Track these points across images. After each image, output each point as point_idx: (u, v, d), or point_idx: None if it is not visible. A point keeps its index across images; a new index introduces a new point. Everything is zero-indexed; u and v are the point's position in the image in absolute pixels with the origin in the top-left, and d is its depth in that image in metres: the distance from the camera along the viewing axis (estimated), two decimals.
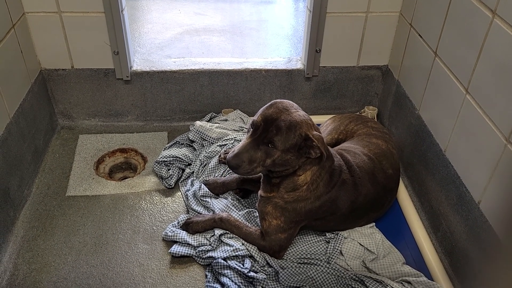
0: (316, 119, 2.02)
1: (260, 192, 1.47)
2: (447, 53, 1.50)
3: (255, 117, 1.34)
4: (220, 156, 1.76)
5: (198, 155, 1.84)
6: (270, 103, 1.36)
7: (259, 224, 1.49)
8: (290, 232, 1.44)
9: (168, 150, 1.87)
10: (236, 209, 1.60)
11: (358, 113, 2.14)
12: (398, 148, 1.90)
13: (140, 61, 2.02)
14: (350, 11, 1.85)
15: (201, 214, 1.59)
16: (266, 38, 2.37)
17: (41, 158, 1.85)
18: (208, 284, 1.39)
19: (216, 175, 1.74)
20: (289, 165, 1.34)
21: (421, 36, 1.69)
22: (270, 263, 1.43)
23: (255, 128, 1.32)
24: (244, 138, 1.36)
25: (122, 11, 1.79)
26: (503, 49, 1.19)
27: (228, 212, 1.56)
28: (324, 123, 1.83)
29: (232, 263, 1.41)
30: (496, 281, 1.25)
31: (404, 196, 1.72)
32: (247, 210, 1.60)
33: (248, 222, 1.56)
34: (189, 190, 1.69)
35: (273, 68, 2.01)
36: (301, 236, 1.54)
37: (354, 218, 1.52)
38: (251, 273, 1.39)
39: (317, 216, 1.45)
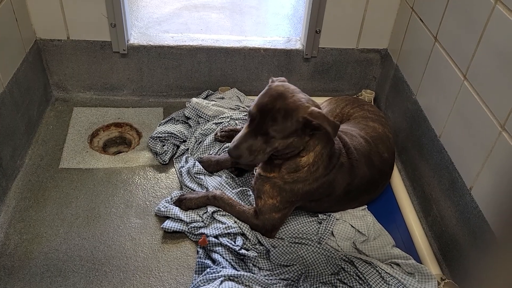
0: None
1: (259, 170, 1.46)
2: (447, 38, 1.49)
3: (251, 107, 1.33)
4: (215, 134, 1.76)
5: (194, 132, 1.84)
6: (265, 89, 1.34)
7: (254, 202, 1.49)
8: (285, 212, 1.44)
9: (163, 126, 1.86)
10: (230, 187, 1.60)
11: (355, 96, 2.13)
12: (394, 132, 1.90)
13: (137, 35, 1.99)
14: None
15: (194, 191, 1.59)
16: (266, 17, 2.34)
17: (34, 129, 1.83)
18: (199, 260, 1.40)
19: (211, 152, 1.74)
20: (293, 147, 1.34)
21: (422, 20, 1.67)
22: (262, 242, 1.44)
23: (252, 118, 1.31)
24: (243, 127, 1.35)
25: None
26: (504, 35, 1.19)
27: (221, 190, 1.56)
28: (321, 105, 1.82)
29: (224, 240, 1.42)
30: (485, 267, 1.27)
31: (397, 180, 1.73)
32: (240, 188, 1.60)
33: (242, 201, 1.56)
34: (183, 166, 1.69)
35: (271, 47, 1.99)
36: (293, 216, 1.55)
37: (348, 200, 1.53)
38: (243, 251, 1.40)
39: (313, 197, 1.45)
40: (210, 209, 1.49)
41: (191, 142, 1.79)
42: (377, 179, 1.54)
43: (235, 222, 1.47)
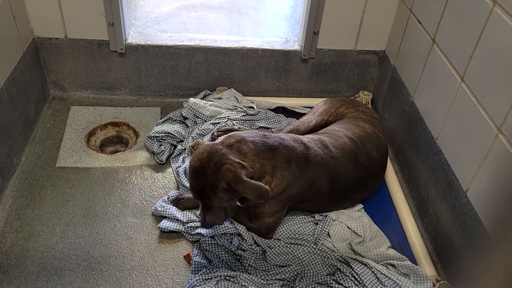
0: (311, 101, 2.04)
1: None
2: (445, 40, 1.50)
3: (189, 187, 1.35)
4: (213, 134, 1.76)
5: (191, 132, 1.84)
6: (189, 170, 1.32)
7: None
8: (277, 215, 1.45)
9: (161, 125, 1.86)
10: None
11: (352, 97, 2.14)
12: (390, 134, 1.91)
13: (135, 34, 1.99)
14: None
15: None
16: (264, 17, 2.34)
17: (31, 128, 1.83)
18: (195, 260, 1.40)
19: None
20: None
21: (420, 22, 1.68)
22: (258, 242, 1.44)
23: (195, 197, 1.34)
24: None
25: None
26: (502, 38, 1.19)
27: None
28: (317, 105, 1.84)
29: (220, 240, 1.42)
30: (479, 268, 1.27)
31: (393, 182, 1.74)
32: None
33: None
34: (180, 166, 1.69)
35: (269, 48, 1.99)
36: (290, 217, 1.55)
37: (338, 199, 1.54)
38: (239, 251, 1.40)
39: (302, 198, 1.46)
40: None
41: (188, 142, 1.79)
42: (365, 177, 1.54)
43: (232, 222, 1.47)
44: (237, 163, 1.27)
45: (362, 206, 1.62)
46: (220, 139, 1.35)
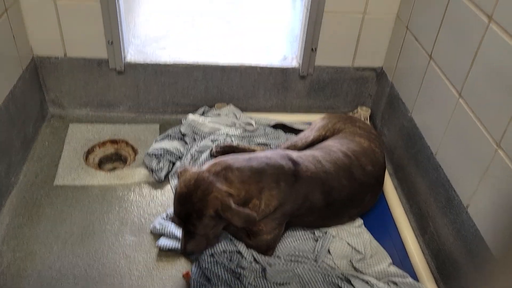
0: (309, 117, 2.04)
1: None
2: (442, 56, 1.51)
3: (173, 213, 1.34)
4: (211, 150, 1.76)
5: (190, 149, 1.83)
6: (175, 191, 1.33)
7: None
8: (275, 232, 1.44)
9: (159, 142, 1.86)
10: None
11: (351, 113, 2.15)
12: (389, 149, 1.91)
13: (134, 52, 2.00)
14: (347, 11, 1.85)
15: None
16: (262, 35, 2.36)
17: (30, 146, 1.83)
18: (194, 278, 1.38)
19: None
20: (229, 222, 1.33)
21: (416, 39, 1.69)
22: (258, 260, 1.43)
23: (178, 223, 1.33)
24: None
25: (118, 0, 1.78)
26: (498, 54, 1.20)
27: None
28: (315, 121, 1.85)
29: (220, 258, 1.41)
30: (482, 285, 1.26)
31: (393, 198, 1.73)
32: None
33: None
34: None
35: (268, 65, 2.00)
36: (290, 233, 1.54)
37: (334, 214, 1.53)
38: (238, 269, 1.38)
39: (296, 213, 1.45)
40: None
41: (187, 159, 1.78)
42: (361, 191, 1.54)
43: (231, 240, 1.46)
44: (224, 192, 1.28)
45: (362, 222, 1.61)
46: (206, 166, 1.36)
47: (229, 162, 1.36)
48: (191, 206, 1.28)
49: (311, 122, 1.87)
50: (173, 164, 1.80)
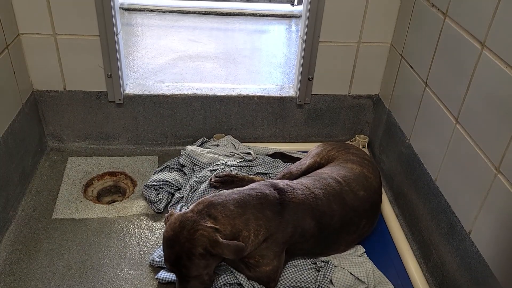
0: (307, 146, 2.05)
1: None
2: (437, 83, 1.53)
3: (164, 260, 1.35)
4: (210, 180, 1.75)
5: (188, 179, 1.83)
6: (163, 240, 1.33)
7: None
8: (274, 263, 1.42)
9: (158, 174, 1.85)
10: None
11: (349, 141, 2.15)
12: (389, 176, 1.90)
13: (133, 85, 2.02)
14: (342, 40, 1.89)
15: None
16: (259, 66, 2.39)
17: (28, 180, 1.82)
18: None
19: None
20: (221, 258, 1.34)
21: (411, 67, 1.72)
22: None
23: (172, 271, 1.34)
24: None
25: (117, 35, 1.81)
26: (492, 79, 1.22)
27: None
28: (311, 149, 1.86)
29: None
30: None
31: (394, 225, 1.71)
32: None
33: None
34: None
35: (265, 95, 2.02)
36: (291, 263, 1.51)
37: (329, 241, 1.51)
38: None
39: (289, 241, 1.44)
40: None
41: (186, 190, 1.78)
42: (353, 217, 1.53)
43: (232, 272, 1.43)
44: (210, 228, 1.28)
45: (364, 250, 1.59)
46: (190, 207, 1.37)
47: (210, 199, 1.38)
48: (179, 248, 1.28)
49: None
50: (172, 195, 1.79)
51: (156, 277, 1.46)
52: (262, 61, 2.46)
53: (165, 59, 2.41)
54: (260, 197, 1.41)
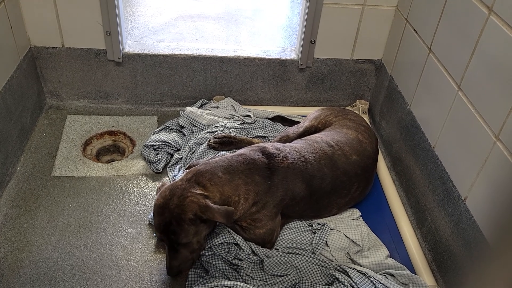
0: (308, 110, 2.04)
1: None
2: (441, 49, 1.50)
3: (154, 228, 1.35)
4: (209, 141, 1.75)
5: (188, 141, 1.83)
6: (154, 209, 1.33)
7: None
8: (268, 226, 1.44)
9: (158, 134, 1.85)
10: None
11: (350, 106, 2.14)
12: (388, 142, 1.91)
13: (132, 44, 1.99)
14: (346, 3, 1.85)
15: None
16: (261, 27, 2.35)
17: (27, 137, 1.82)
18: (192, 270, 1.38)
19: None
20: (213, 224, 1.36)
21: (416, 32, 1.68)
22: (256, 252, 1.43)
23: (161, 239, 1.34)
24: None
25: None
26: (498, 46, 1.20)
27: None
28: (310, 113, 1.85)
29: (218, 250, 1.41)
30: (479, 277, 1.26)
31: (391, 191, 1.73)
32: None
33: None
34: (176, 175, 1.68)
35: (266, 57, 1.99)
36: (287, 225, 1.54)
37: (321, 204, 1.53)
38: (236, 261, 1.38)
39: (281, 204, 1.45)
40: None
41: (185, 151, 1.78)
42: (346, 181, 1.53)
43: (229, 232, 1.46)
44: (199, 195, 1.29)
45: (360, 214, 1.61)
46: (179, 176, 1.37)
47: (199, 167, 1.38)
48: (169, 214, 1.28)
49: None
50: (171, 156, 1.79)
51: (154, 235, 1.48)
52: (264, 23, 2.41)
53: (165, 18, 2.36)
54: (248, 163, 1.42)
